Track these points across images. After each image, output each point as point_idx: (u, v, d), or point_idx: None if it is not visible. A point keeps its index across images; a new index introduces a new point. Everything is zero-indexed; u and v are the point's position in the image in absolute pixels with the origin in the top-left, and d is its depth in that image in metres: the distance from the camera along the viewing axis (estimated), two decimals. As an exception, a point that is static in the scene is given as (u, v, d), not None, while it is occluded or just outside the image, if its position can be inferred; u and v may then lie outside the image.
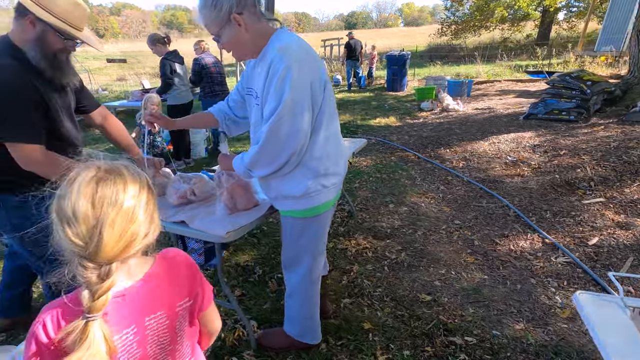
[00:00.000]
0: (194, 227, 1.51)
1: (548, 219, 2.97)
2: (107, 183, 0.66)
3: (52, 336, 0.66)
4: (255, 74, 1.41)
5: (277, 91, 1.23)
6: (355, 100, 9.26)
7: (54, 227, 0.65)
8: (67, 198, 0.63)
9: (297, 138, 1.28)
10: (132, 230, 0.66)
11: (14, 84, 1.32)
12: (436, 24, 54.00)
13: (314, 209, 1.48)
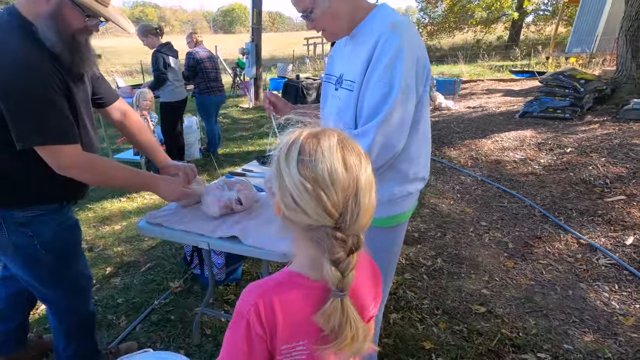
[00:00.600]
0: (249, 244, 1.25)
1: (576, 219, 2.89)
2: (348, 147, 0.59)
3: (265, 321, 0.62)
4: (344, 56, 1.20)
5: (387, 75, 1.02)
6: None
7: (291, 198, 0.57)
8: (321, 162, 0.56)
9: (405, 131, 1.08)
10: (374, 198, 0.61)
11: (42, 72, 1.04)
12: (409, 26, 55.07)
13: (395, 218, 1.27)
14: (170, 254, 2.63)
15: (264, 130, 6.26)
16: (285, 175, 0.58)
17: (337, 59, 1.27)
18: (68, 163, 1.12)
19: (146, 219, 1.46)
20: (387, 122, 1.04)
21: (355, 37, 1.14)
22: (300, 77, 7.96)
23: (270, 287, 0.65)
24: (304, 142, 0.58)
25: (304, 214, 0.57)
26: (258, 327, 0.63)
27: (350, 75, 1.12)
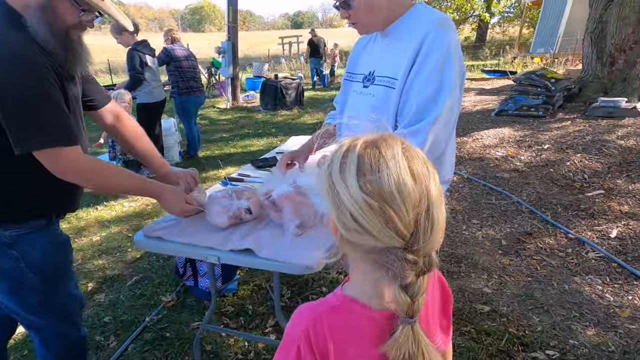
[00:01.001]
0: (264, 256, 1.16)
1: (561, 214, 2.99)
2: (412, 154, 0.52)
3: (316, 349, 0.57)
4: (373, 53, 1.17)
5: (439, 72, 1.00)
6: (325, 98, 9.04)
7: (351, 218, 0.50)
8: (386, 175, 0.49)
9: (450, 130, 1.07)
10: (444, 211, 0.53)
11: (37, 66, 0.93)
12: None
13: None
14: (158, 266, 2.48)
15: (246, 132, 6.10)
16: (342, 192, 0.51)
17: (363, 57, 1.24)
18: (68, 167, 1.01)
19: (144, 232, 1.34)
20: (439, 120, 1.02)
21: (391, 34, 1.11)
22: (279, 77, 7.83)
23: (322, 312, 0.59)
24: (362, 153, 0.51)
25: (368, 235, 0.50)
26: (308, 354, 0.58)
27: (388, 72, 1.09)
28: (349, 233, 0.52)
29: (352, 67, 1.30)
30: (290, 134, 5.86)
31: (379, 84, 1.11)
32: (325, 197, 0.55)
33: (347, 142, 0.55)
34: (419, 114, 1.02)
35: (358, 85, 1.22)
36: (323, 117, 7.07)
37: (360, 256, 0.56)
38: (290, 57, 13.58)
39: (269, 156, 2.32)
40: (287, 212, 1.24)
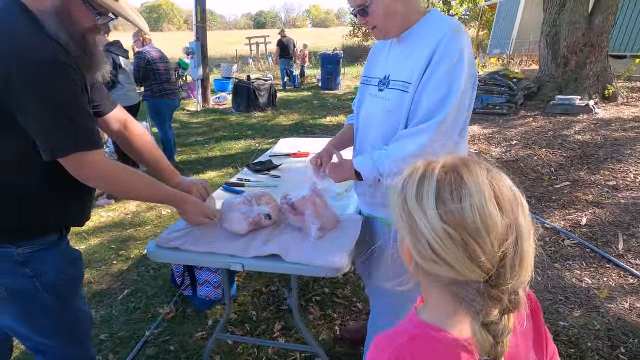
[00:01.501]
0: (291, 261, 1.16)
1: (536, 205, 3.20)
2: (498, 180, 0.49)
3: None
4: (389, 58, 1.20)
5: (449, 77, 1.03)
6: (296, 99, 9.03)
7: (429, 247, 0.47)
8: (470, 204, 0.45)
9: (455, 135, 1.10)
10: (533, 243, 0.49)
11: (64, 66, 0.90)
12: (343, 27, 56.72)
13: None
14: (149, 277, 2.38)
15: (222, 135, 5.96)
16: (419, 220, 0.48)
17: (379, 62, 1.27)
18: (92, 172, 0.98)
19: (157, 243, 1.29)
20: (444, 123, 1.05)
21: (406, 40, 1.15)
22: (251, 78, 7.73)
23: (404, 344, 0.55)
24: (441, 179, 0.48)
25: (448, 267, 0.47)
26: None
27: (402, 76, 1.12)
28: (425, 263, 0.49)
29: (369, 71, 1.32)
30: (268, 136, 5.82)
31: (394, 88, 1.15)
32: (398, 222, 0.52)
33: (422, 166, 0.52)
34: (427, 117, 1.07)
35: (374, 89, 1.25)
36: (299, 118, 7.09)
37: (437, 286, 0.52)
38: (258, 57, 13.42)
39: (264, 160, 2.31)
40: (309, 216, 1.25)
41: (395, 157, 1.09)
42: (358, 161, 1.17)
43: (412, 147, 1.07)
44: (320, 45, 25.07)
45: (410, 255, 0.51)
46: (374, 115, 1.22)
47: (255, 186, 1.88)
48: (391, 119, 1.15)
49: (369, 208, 1.36)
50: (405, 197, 0.50)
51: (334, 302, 2.08)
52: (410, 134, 1.09)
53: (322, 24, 76.52)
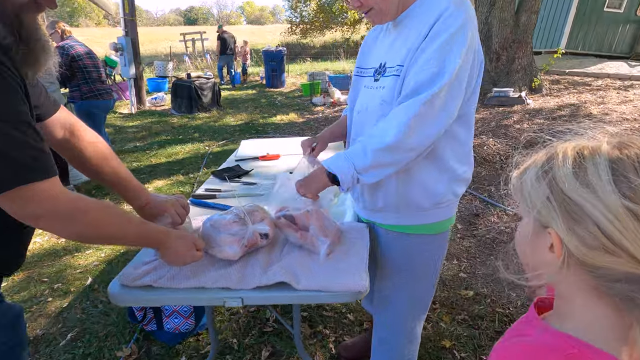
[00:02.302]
0: (304, 288, 0.96)
1: (495, 193, 3.33)
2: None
3: None
4: (383, 46, 1.09)
5: (442, 52, 0.90)
6: (242, 98, 8.63)
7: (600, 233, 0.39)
8: None
9: (445, 120, 0.95)
10: None
11: None
12: (279, 24, 56.23)
13: (443, 223, 1.17)
14: (98, 313, 1.99)
15: (164, 139, 5.41)
16: (585, 201, 0.41)
17: (373, 50, 1.15)
18: (44, 209, 0.68)
19: (121, 281, 1.01)
20: (430, 104, 0.91)
21: (403, 22, 1.03)
22: (192, 76, 7.17)
23: None
24: (617, 157, 0.41)
25: (625, 256, 0.39)
26: None
27: (397, 60, 1.00)
28: (591, 252, 0.41)
29: (363, 61, 1.20)
30: (217, 137, 5.42)
31: (390, 74, 1.03)
32: (542, 211, 0.45)
33: (570, 147, 0.45)
34: (414, 93, 0.93)
35: (369, 80, 1.12)
36: (247, 117, 6.75)
37: (594, 285, 0.43)
38: (195, 55, 12.61)
39: (231, 165, 2.05)
40: (314, 231, 1.06)
41: (374, 147, 0.95)
42: (329, 162, 1.01)
43: (392, 131, 0.92)
44: (257, 42, 24.50)
45: (560, 247, 0.43)
46: (368, 108, 1.09)
47: (228, 196, 1.63)
48: (386, 109, 1.02)
49: (367, 214, 1.23)
50: (556, 180, 0.44)
51: (323, 316, 1.90)
52: (389, 117, 0.95)
53: (257, 20, 75.04)
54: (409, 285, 1.22)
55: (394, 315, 1.28)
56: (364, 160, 0.97)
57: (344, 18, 23.86)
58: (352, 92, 1.23)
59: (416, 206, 1.10)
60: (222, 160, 4.36)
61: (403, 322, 1.28)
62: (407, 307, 1.26)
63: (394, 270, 1.23)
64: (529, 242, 0.49)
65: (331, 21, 23.92)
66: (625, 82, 6.87)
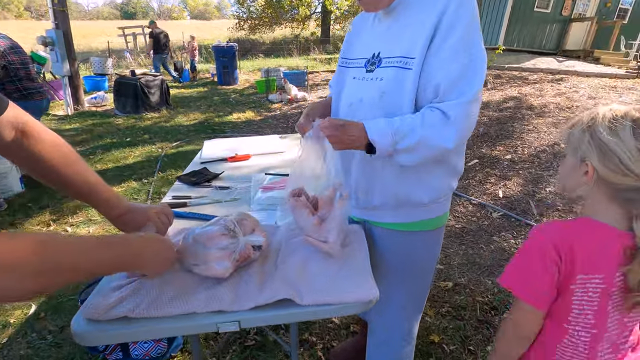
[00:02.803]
0: (309, 303, 0.86)
1: (459, 184, 3.44)
2: None
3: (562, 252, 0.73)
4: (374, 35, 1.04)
5: (467, 43, 0.89)
6: (192, 96, 8.19)
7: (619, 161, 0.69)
8: None
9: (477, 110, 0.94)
10: None
11: None
12: (225, 19, 54.51)
13: (441, 218, 1.14)
14: (47, 345, 1.73)
15: (109, 142, 4.93)
16: (614, 144, 0.68)
17: (362, 40, 1.09)
18: None
19: (86, 314, 0.84)
20: (475, 100, 0.90)
21: (396, 10, 0.98)
22: (137, 74, 6.64)
23: (570, 225, 0.77)
24: (637, 117, 0.69)
25: (634, 175, 0.67)
26: (555, 257, 0.73)
27: (398, 51, 0.95)
28: (612, 174, 0.69)
29: (349, 52, 1.13)
30: (170, 139, 5.07)
31: (389, 65, 0.97)
32: (583, 149, 0.73)
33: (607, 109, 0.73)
34: (449, 91, 0.89)
35: (359, 71, 1.05)
36: (201, 116, 6.40)
37: (610, 194, 0.71)
38: (137, 51, 11.72)
39: (198, 168, 1.87)
40: (333, 227, 0.95)
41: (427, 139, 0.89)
42: (373, 127, 0.90)
43: (448, 134, 0.89)
44: (203, 37, 23.52)
45: (592, 172, 0.71)
46: (363, 100, 1.02)
47: (199, 203, 1.48)
48: (388, 101, 0.96)
49: (361, 212, 1.17)
50: (595, 131, 0.71)
51: (306, 323, 1.82)
52: (438, 119, 0.89)
53: (201, 15, 71.95)
54: (407, 285, 1.18)
55: (393, 316, 1.23)
56: (410, 140, 0.89)
57: (293, 14, 23.71)
58: (337, 78, 1.16)
59: (415, 202, 1.05)
60: (177, 163, 4.08)
61: (401, 323, 1.24)
62: (405, 307, 1.22)
63: (390, 271, 1.17)
64: (571, 171, 0.77)
65: (280, 17, 23.63)
66: (556, 76, 7.52)
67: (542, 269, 0.73)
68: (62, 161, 0.80)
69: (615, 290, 0.72)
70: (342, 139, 0.91)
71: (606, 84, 6.36)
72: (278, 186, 1.50)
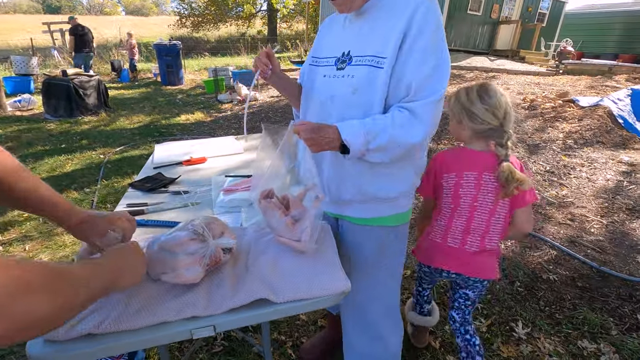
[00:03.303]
0: (285, 300, 0.88)
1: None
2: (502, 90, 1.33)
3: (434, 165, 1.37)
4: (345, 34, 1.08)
5: (435, 46, 0.95)
6: (134, 97, 7.70)
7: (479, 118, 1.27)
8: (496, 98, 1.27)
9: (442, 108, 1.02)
10: None
11: None
12: (165, 15, 51.75)
13: (406, 214, 1.20)
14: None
15: (40, 149, 4.48)
16: (472, 107, 1.23)
17: (332, 39, 1.13)
18: None
19: (45, 336, 0.78)
20: (441, 100, 0.98)
21: (368, 12, 1.03)
22: (69, 74, 6.09)
23: (446, 154, 1.34)
24: (482, 88, 1.25)
25: (487, 123, 1.22)
26: (432, 165, 1.33)
27: (369, 51, 0.99)
28: (477, 126, 1.23)
29: (319, 50, 1.16)
30: (112, 144, 4.73)
31: (360, 63, 1.01)
32: (459, 115, 1.26)
33: (465, 86, 1.29)
34: (420, 90, 0.95)
35: (329, 69, 1.09)
36: (146, 119, 6.06)
37: (474, 135, 1.26)
38: (66, 49, 10.71)
39: (151, 174, 1.79)
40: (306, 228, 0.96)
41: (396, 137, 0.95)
42: (346, 128, 0.94)
43: (416, 131, 0.95)
44: (142, 35, 22.19)
45: (464, 127, 1.26)
46: (335, 97, 1.05)
47: (158, 210, 1.42)
48: (360, 98, 1.00)
49: (334, 207, 1.19)
50: (461, 100, 1.25)
51: (274, 321, 1.82)
52: (408, 119, 0.95)
53: (137, 11, 67.49)
54: (378, 277, 1.22)
55: (367, 310, 1.25)
56: (380, 139, 0.94)
57: (238, 11, 23.18)
58: (307, 80, 1.18)
59: (383, 197, 1.10)
60: (123, 170, 3.83)
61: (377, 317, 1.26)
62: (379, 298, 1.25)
63: (362, 264, 1.20)
64: (456, 129, 1.29)
65: (225, 14, 22.98)
66: (489, 74, 8.18)
67: (426, 175, 1.32)
68: (7, 172, 0.73)
69: (480, 184, 1.24)
70: (318, 142, 0.94)
71: (531, 81, 7.05)
72: (240, 188, 1.48)
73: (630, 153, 3.82)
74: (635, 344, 1.67)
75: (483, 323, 1.81)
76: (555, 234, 2.56)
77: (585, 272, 2.17)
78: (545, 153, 3.87)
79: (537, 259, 2.31)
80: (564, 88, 6.14)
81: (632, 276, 2.11)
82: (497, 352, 1.65)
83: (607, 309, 1.90)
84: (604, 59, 11.48)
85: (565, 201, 2.99)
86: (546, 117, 4.82)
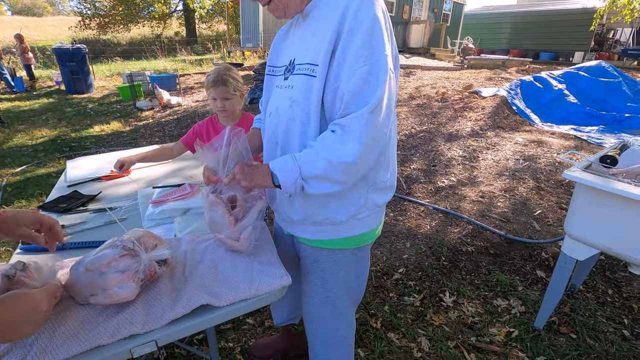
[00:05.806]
0: (228, 303, 0.88)
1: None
2: None
3: None
4: (293, 41, 0.99)
5: (368, 50, 0.82)
6: (35, 109, 6.80)
7: None
8: None
9: (391, 118, 0.89)
10: None
11: None
12: (63, 15, 46.18)
13: (363, 237, 1.07)
14: None
15: None
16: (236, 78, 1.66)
17: (285, 46, 1.05)
18: None
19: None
20: (378, 109, 0.83)
21: (311, 14, 0.93)
22: None
23: None
24: None
25: None
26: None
27: (307, 58, 0.89)
28: None
29: (274, 59, 1.08)
30: (10, 164, 4.15)
31: (300, 72, 0.91)
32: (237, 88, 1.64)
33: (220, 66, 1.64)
34: (351, 102, 0.83)
35: (280, 79, 1.00)
36: (51, 133, 5.43)
37: None
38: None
39: (65, 194, 1.63)
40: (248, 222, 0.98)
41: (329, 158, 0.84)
42: (275, 162, 0.91)
43: (349, 149, 0.83)
44: (36, 38, 19.61)
45: None
46: (278, 110, 0.98)
47: (78, 231, 1.31)
48: (297, 110, 0.91)
49: (286, 226, 1.13)
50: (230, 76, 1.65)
51: (219, 330, 1.79)
52: (338, 138, 0.84)
53: (28, 11, 59.16)
54: (332, 300, 1.15)
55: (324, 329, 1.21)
56: (314, 167, 0.85)
57: (150, 11, 21.62)
58: (264, 94, 1.12)
59: (332, 219, 1.00)
60: (28, 192, 3.38)
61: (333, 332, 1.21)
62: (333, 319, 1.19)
63: (316, 285, 1.14)
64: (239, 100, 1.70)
65: (136, 15, 21.28)
66: (406, 70, 8.82)
67: None
68: None
69: None
70: (252, 184, 0.92)
71: (442, 75, 7.78)
72: (171, 198, 1.43)
73: (523, 135, 4.45)
74: (536, 295, 1.98)
75: (416, 298, 1.99)
76: (470, 211, 2.90)
77: (495, 241, 2.50)
78: (458, 140, 4.31)
79: (457, 234, 2.59)
80: (468, 81, 6.88)
81: (530, 239, 2.49)
82: (430, 322, 1.83)
83: (514, 270, 2.21)
84: (499, 54, 13.13)
85: (477, 181, 3.39)
86: (456, 107, 5.37)
